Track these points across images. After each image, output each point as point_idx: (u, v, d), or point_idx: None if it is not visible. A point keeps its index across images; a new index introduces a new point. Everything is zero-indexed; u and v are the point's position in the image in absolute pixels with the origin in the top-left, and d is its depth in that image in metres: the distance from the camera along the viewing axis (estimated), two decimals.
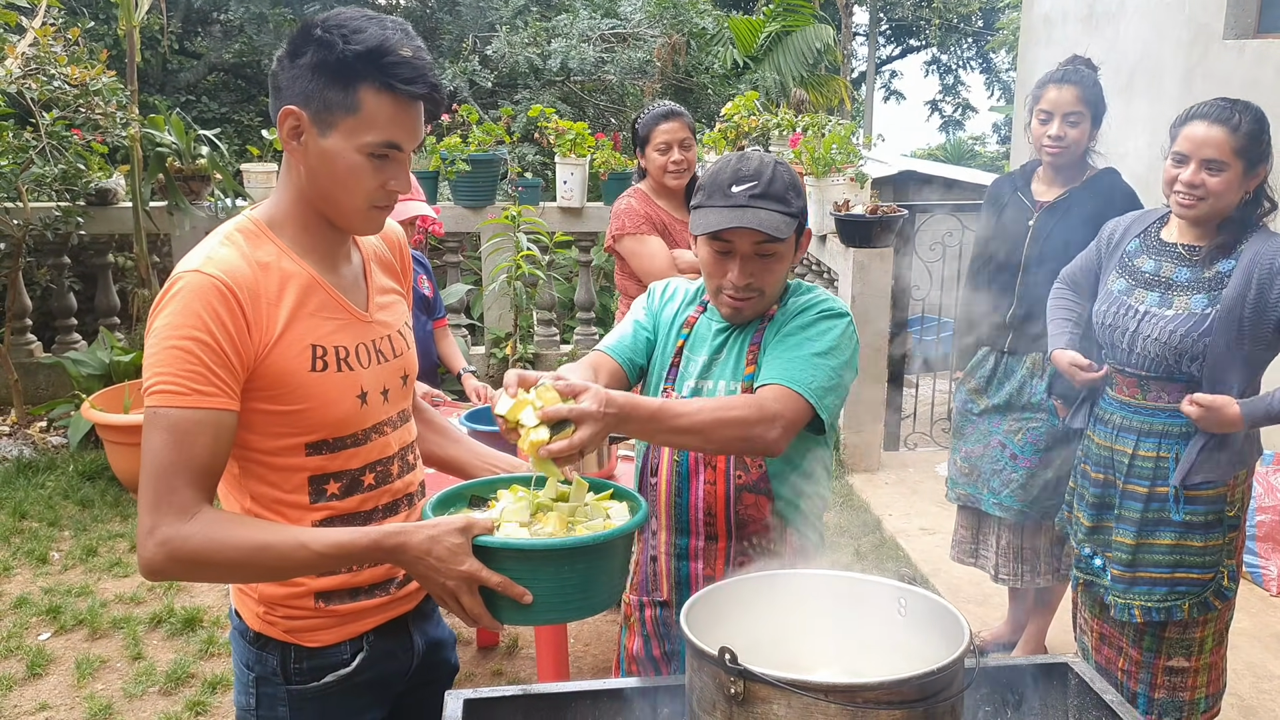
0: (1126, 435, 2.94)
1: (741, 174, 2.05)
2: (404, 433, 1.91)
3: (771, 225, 2.01)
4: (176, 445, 1.57)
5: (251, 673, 1.87)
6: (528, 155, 11.21)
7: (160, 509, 1.57)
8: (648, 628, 2.32)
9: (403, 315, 1.95)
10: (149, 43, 11.95)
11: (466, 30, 13.59)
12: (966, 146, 26.06)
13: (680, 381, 2.20)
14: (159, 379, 1.58)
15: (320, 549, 1.63)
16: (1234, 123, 2.70)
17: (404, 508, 1.91)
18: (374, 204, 1.71)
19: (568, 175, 7.12)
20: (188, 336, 1.58)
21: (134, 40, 6.39)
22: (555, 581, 1.67)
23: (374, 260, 1.91)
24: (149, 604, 4.48)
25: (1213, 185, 2.73)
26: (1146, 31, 6.24)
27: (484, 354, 7.19)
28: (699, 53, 14.09)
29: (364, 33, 1.62)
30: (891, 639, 1.71)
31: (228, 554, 1.59)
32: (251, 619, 1.85)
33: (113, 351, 6.36)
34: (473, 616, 1.67)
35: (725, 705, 1.48)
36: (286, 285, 1.70)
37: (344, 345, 1.76)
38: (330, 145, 1.65)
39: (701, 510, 2.18)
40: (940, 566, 4.87)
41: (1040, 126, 3.53)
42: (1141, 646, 2.97)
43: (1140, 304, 2.87)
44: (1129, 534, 2.93)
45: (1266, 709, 3.77)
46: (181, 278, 1.62)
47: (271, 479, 1.75)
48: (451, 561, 1.62)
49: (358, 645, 1.87)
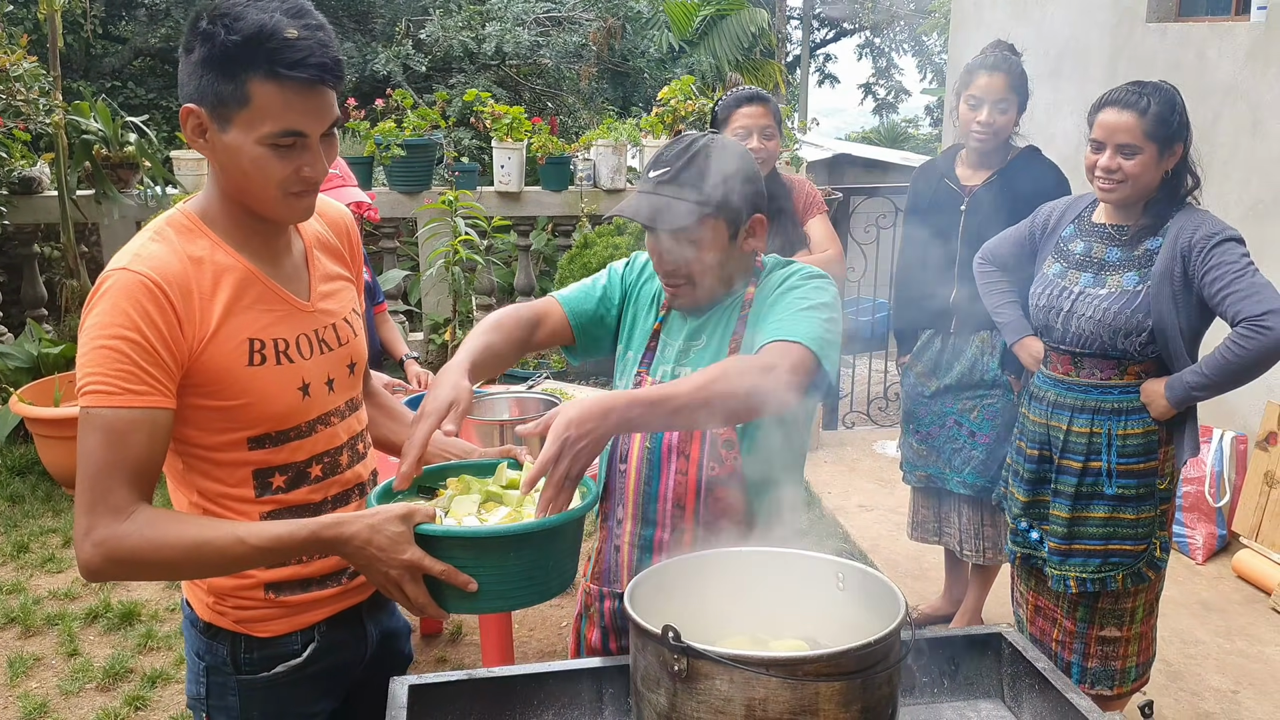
0: (1060, 412, 3.01)
1: (660, 159, 2.01)
2: (353, 422, 1.89)
3: (659, 214, 1.94)
4: (111, 445, 1.56)
5: (202, 662, 1.86)
6: (464, 140, 11.12)
7: (96, 510, 1.56)
8: (605, 620, 2.24)
9: (350, 302, 1.91)
10: (71, 27, 11.64)
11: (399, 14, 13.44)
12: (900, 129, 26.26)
13: (656, 367, 2.14)
14: (91, 379, 1.57)
15: (258, 543, 1.61)
16: (1142, 106, 2.77)
17: (355, 497, 1.89)
18: (289, 191, 1.65)
19: (505, 160, 7.08)
20: (117, 335, 1.56)
21: (55, 24, 6.24)
22: (500, 569, 1.66)
23: (317, 246, 1.87)
24: (84, 599, 4.40)
25: (1128, 169, 2.80)
26: (1073, 15, 6.35)
27: (422, 340, 7.14)
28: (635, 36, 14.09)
29: (243, 20, 1.54)
30: (831, 613, 1.74)
31: (165, 553, 1.58)
32: (201, 609, 1.84)
33: (41, 344, 6.22)
34: (417, 606, 1.66)
35: (669, 683, 1.50)
36: (221, 279, 1.67)
37: (283, 337, 1.74)
38: (231, 140, 1.60)
39: (671, 501, 2.09)
40: (879, 543, 4.96)
41: (969, 112, 3.59)
42: (1075, 617, 3.05)
43: (1074, 285, 2.94)
44: (1064, 508, 3.01)
45: (1193, 674, 3.89)
46: (110, 276, 1.60)
47: (216, 474, 1.74)
48: (393, 550, 1.61)
49: (309, 636, 1.86)
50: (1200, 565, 4.78)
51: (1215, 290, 2.74)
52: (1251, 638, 4.16)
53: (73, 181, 6.44)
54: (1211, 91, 5.15)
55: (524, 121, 7.09)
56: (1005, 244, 3.31)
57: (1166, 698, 3.73)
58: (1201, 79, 5.19)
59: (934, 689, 1.96)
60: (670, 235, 1.98)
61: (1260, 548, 4.62)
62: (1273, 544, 4.57)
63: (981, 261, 3.40)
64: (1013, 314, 3.31)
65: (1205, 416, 4.92)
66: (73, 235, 6.46)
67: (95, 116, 6.49)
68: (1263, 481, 4.67)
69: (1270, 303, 2.67)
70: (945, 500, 3.96)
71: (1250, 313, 2.68)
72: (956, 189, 3.71)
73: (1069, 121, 6.11)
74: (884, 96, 28.64)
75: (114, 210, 6.53)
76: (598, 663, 1.93)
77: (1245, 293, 2.69)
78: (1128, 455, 2.92)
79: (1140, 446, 2.91)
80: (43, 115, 6.10)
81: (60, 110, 6.15)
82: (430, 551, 1.63)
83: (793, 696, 1.44)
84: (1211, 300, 2.76)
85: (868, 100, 28.78)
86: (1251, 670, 3.93)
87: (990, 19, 7.05)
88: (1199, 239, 2.77)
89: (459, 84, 12.24)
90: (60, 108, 6.16)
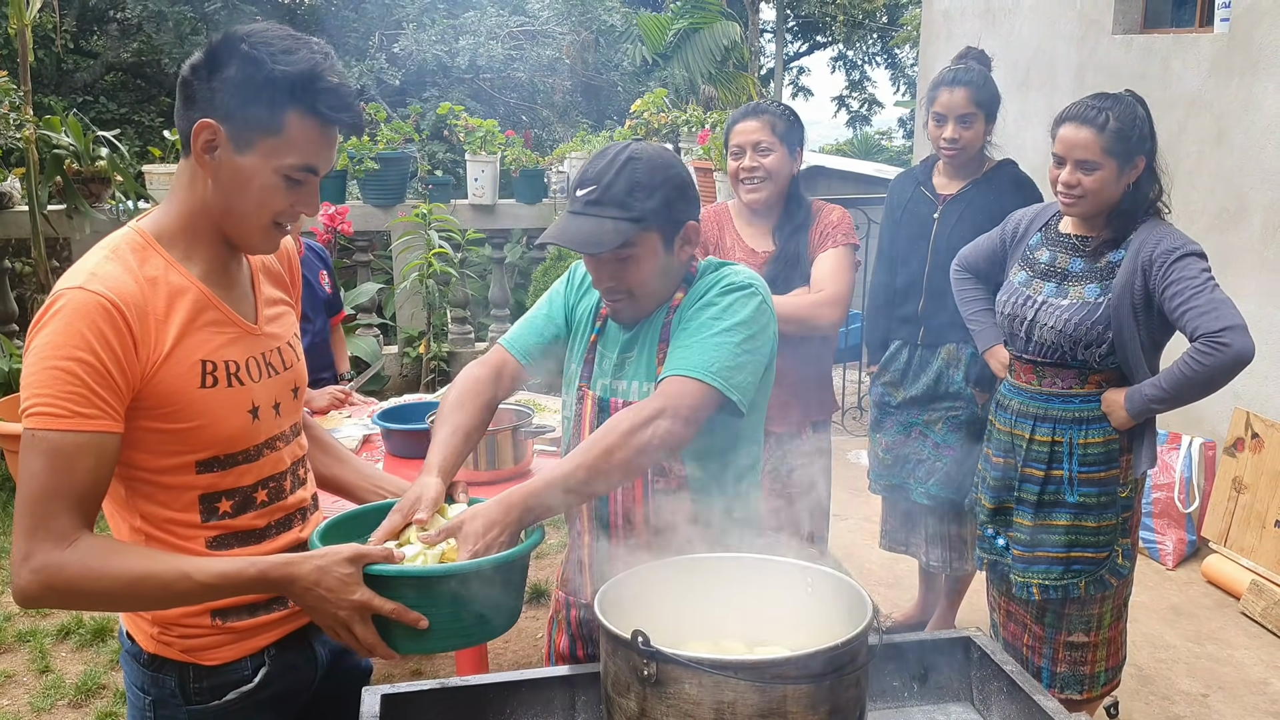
0: (1024, 420, 3.02)
1: (585, 177, 1.98)
2: (295, 447, 1.88)
3: (589, 238, 1.93)
4: (56, 470, 1.52)
5: (148, 696, 1.81)
6: (438, 153, 11.13)
7: (37, 535, 1.52)
8: (573, 628, 2.30)
9: (291, 326, 1.91)
10: (42, 42, 11.58)
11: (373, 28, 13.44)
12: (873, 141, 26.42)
13: (595, 380, 2.14)
14: (38, 400, 1.52)
15: (205, 579, 1.59)
16: (1100, 121, 2.77)
17: (298, 523, 1.87)
18: (277, 223, 1.69)
19: (479, 173, 7.09)
20: (69, 357, 1.52)
21: (26, 39, 6.21)
22: (451, 608, 1.67)
23: (261, 272, 1.86)
24: (56, 616, 4.36)
25: (1088, 184, 2.80)
26: (1040, 27, 6.43)
27: (397, 353, 7.13)
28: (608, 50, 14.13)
29: (294, 55, 1.60)
30: (801, 617, 1.76)
31: (105, 584, 1.55)
32: (145, 640, 1.79)
33: (11, 359, 6.16)
34: (366, 646, 1.66)
35: (639, 687, 1.51)
36: (176, 301, 1.66)
37: (234, 360, 1.72)
38: (246, 163, 1.62)
39: (620, 515, 2.12)
40: (852, 551, 4.98)
41: (936, 128, 3.62)
42: (1044, 623, 3.07)
43: (1038, 294, 2.95)
44: (1028, 515, 3.03)
45: (1164, 677, 3.93)
46: (64, 295, 1.56)
47: (161, 498, 1.71)
48: (342, 591, 1.61)
49: (259, 660, 1.83)
50: (1170, 570, 4.82)
51: (1175, 305, 2.75)
52: (1221, 642, 4.20)
53: (44, 196, 6.40)
54: (1176, 102, 5.22)
55: (498, 134, 7.11)
56: (979, 251, 3.33)
57: (1137, 702, 3.77)
58: (1167, 90, 5.26)
59: (904, 692, 1.98)
60: (610, 252, 1.97)
61: (1229, 553, 4.67)
62: (1241, 549, 4.62)
63: (958, 268, 3.42)
64: (986, 322, 3.32)
65: (1174, 423, 4.99)
66: (44, 250, 6.41)
67: (66, 131, 6.46)
68: (1230, 487, 4.73)
69: (1228, 319, 2.68)
70: (913, 511, 3.97)
71: (1208, 329, 2.68)
72: (931, 197, 3.73)
73: (1038, 132, 6.13)
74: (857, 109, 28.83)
75: (85, 225, 6.49)
76: (569, 670, 1.94)
77: (1204, 309, 2.70)
78: (1089, 464, 2.93)
79: (1101, 455, 2.93)
80: (13, 130, 6.07)
81: (31, 125, 6.11)
82: (380, 592, 1.63)
83: (761, 699, 1.45)
84: (1171, 315, 2.78)
85: (841, 113, 28.96)
86: (1221, 674, 3.97)
87: (960, 31, 7.12)
88: (1160, 253, 2.78)
89: (433, 97, 12.24)
90: (31, 122, 6.13)
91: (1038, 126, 6.28)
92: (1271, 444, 4.59)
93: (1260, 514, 4.56)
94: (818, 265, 3.21)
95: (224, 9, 12.56)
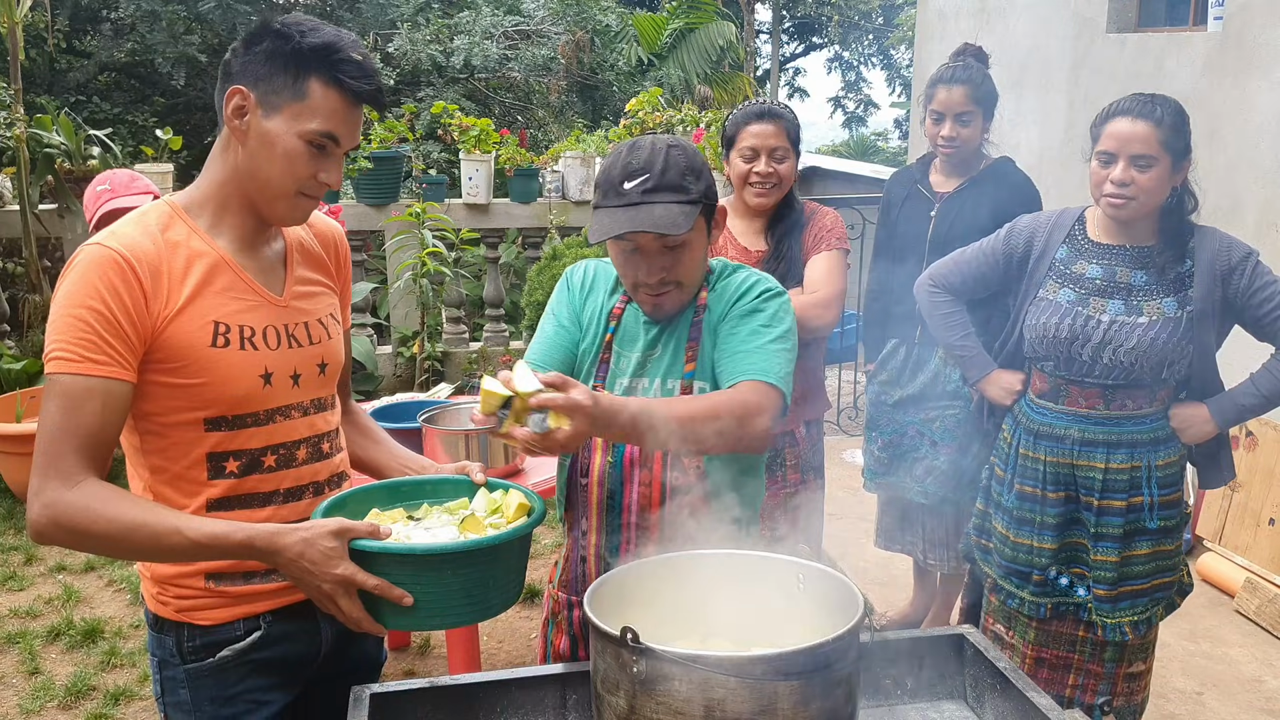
0: (1092, 449, 2.78)
1: (632, 168, 1.95)
2: (318, 420, 1.91)
3: (668, 221, 1.91)
4: (66, 411, 1.63)
5: (155, 658, 1.89)
6: (432, 153, 11.12)
7: (47, 473, 1.63)
8: (574, 628, 2.23)
9: (328, 307, 1.96)
10: (34, 42, 11.54)
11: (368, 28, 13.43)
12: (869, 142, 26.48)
13: (612, 379, 2.09)
14: (54, 346, 1.64)
15: (195, 537, 1.65)
16: (1157, 115, 2.61)
17: (309, 495, 1.89)
18: (302, 191, 1.76)
19: (473, 172, 7.08)
20: (82, 305, 1.64)
21: (16, 37, 6.19)
22: (439, 586, 1.67)
23: (298, 250, 1.93)
24: (46, 617, 4.35)
25: (1142, 182, 2.61)
26: (1034, 26, 6.43)
27: (390, 353, 7.12)
28: (603, 50, 14.13)
29: (320, 31, 1.74)
30: (792, 614, 1.75)
31: (102, 526, 1.63)
32: (150, 601, 1.87)
33: (2, 359, 6.15)
34: (352, 620, 1.69)
35: (629, 685, 1.50)
36: (193, 263, 1.74)
37: (250, 325, 1.78)
38: (273, 126, 1.72)
39: (635, 514, 2.07)
40: (847, 549, 4.97)
41: (934, 126, 3.60)
42: (1103, 658, 2.88)
43: (1101, 313, 2.70)
44: (1112, 551, 2.79)
45: (1158, 675, 3.85)
46: (83, 251, 1.69)
47: (170, 452, 1.77)
48: (325, 565, 1.64)
49: (253, 624, 1.87)
50: None
51: (1266, 310, 2.65)
52: (1215, 639, 4.20)
53: (35, 196, 6.39)
54: None
55: (492, 134, 7.10)
56: (965, 269, 3.03)
57: None
58: (1160, 89, 5.20)
59: (897, 690, 1.96)
60: (660, 242, 1.96)
61: (1224, 550, 4.67)
62: (1235, 547, 4.62)
63: (933, 287, 3.11)
64: (973, 347, 3.06)
65: None
66: (35, 250, 6.40)
67: (58, 130, 6.45)
68: (1225, 485, 4.72)
69: None
70: (910, 509, 3.96)
71: None
72: (928, 195, 3.71)
73: (1032, 131, 6.18)
74: (853, 110, 28.88)
75: (77, 224, 6.48)
76: (561, 669, 1.93)
77: None
78: (1165, 486, 2.78)
79: (1175, 475, 2.79)
80: (4, 129, 6.05)
81: (22, 124, 6.10)
82: (367, 567, 1.65)
83: (751, 696, 1.44)
84: (1261, 320, 2.67)
85: (837, 114, 29.02)
86: (1215, 671, 3.97)
87: (954, 31, 7.12)
88: (1238, 259, 2.65)
89: (427, 97, 12.24)
90: (22, 121, 6.11)
91: (1032, 126, 6.30)
92: (1266, 442, 4.59)
93: (1255, 512, 4.56)
94: (812, 267, 3.21)
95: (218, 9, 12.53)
